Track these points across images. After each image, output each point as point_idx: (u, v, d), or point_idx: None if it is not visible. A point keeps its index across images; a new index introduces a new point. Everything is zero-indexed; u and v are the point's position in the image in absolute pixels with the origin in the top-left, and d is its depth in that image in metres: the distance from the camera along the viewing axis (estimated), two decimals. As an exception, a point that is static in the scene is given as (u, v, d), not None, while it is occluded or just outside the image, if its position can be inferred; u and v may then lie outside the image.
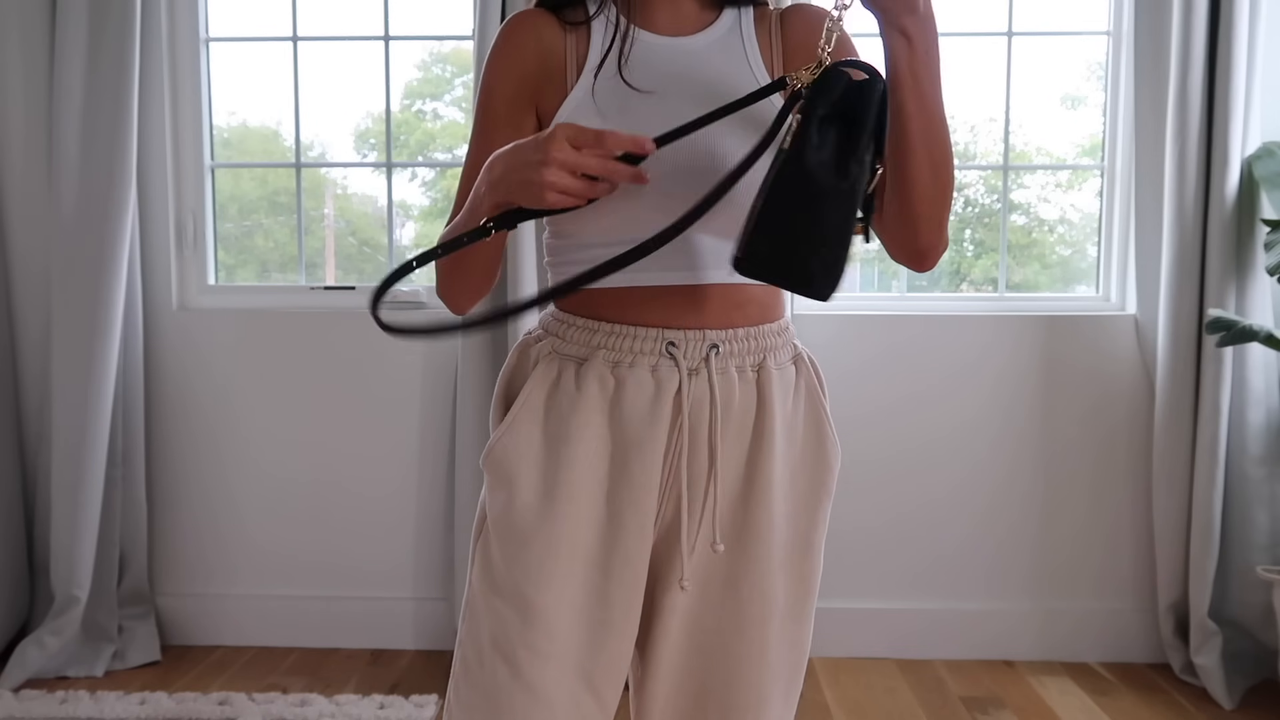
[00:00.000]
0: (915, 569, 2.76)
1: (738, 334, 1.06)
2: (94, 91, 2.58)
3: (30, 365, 2.73)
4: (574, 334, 1.07)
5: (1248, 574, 2.54)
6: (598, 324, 1.06)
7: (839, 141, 0.93)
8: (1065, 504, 2.74)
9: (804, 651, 1.17)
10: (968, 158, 2.93)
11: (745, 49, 1.10)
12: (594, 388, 1.05)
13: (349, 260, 3.02)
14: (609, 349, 1.05)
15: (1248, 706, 2.47)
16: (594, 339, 1.06)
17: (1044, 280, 2.92)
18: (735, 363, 1.06)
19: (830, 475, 1.14)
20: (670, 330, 1.04)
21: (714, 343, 1.05)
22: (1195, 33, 2.45)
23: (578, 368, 1.06)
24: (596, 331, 1.06)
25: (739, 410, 1.06)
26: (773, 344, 1.09)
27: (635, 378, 1.04)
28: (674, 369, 1.04)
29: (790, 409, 1.09)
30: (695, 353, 1.04)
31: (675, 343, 1.04)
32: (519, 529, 1.05)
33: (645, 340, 1.04)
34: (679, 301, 1.05)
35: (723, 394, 1.05)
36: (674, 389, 1.04)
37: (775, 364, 1.08)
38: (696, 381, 1.04)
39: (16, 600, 2.69)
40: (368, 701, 2.40)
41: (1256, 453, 2.54)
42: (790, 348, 1.13)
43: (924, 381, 2.73)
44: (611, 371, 1.05)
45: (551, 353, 1.08)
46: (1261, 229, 2.48)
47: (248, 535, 2.81)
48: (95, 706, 2.35)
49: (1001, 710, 2.43)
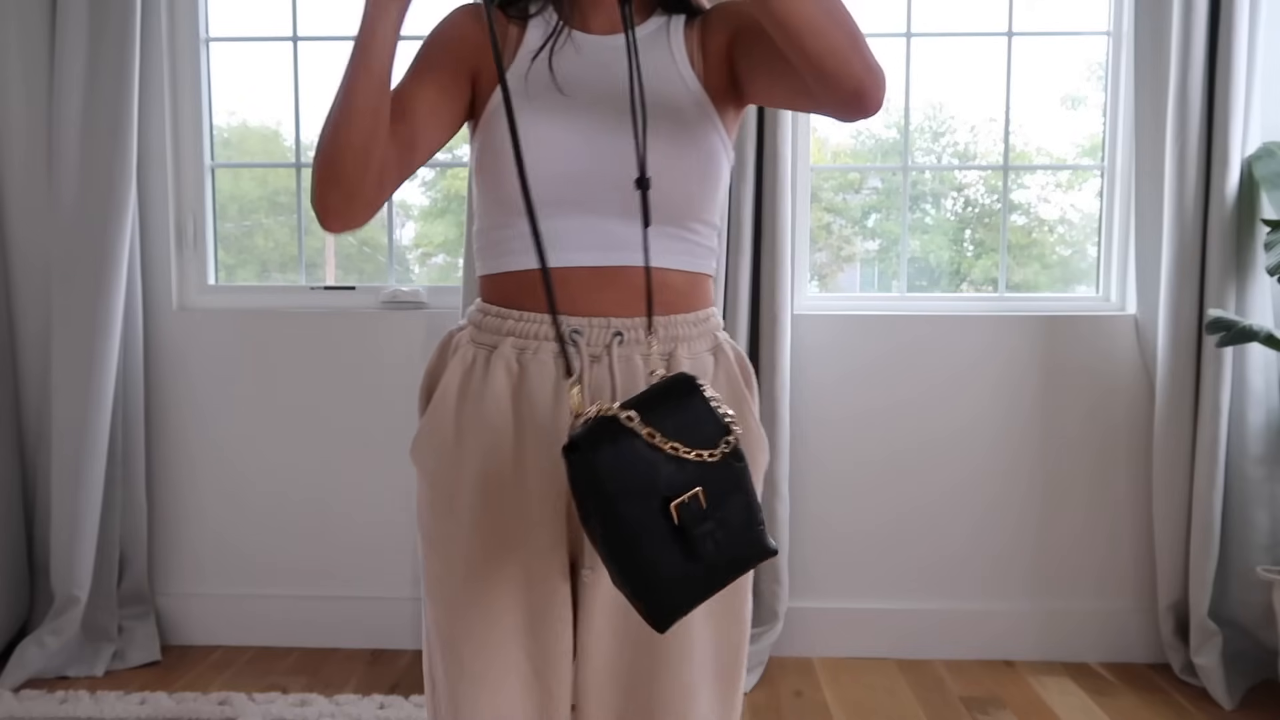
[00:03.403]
0: (915, 569, 2.76)
1: (644, 321, 1.07)
2: (94, 91, 2.58)
3: (30, 365, 2.73)
4: (488, 321, 1.09)
5: (1248, 574, 2.54)
6: (509, 311, 1.08)
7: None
8: (1065, 504, 2.74)
9: (736, 644, 1.14)
10: (968, 158, 2.93)
11: (670, 45, 1.12)
12: (501, 375, 1.07)
13: (349, 260, 3.02)
14: (517, 335, 1.07)
15: (1248, 707, 2.47)
16: (504, 325, 1.08)
17: (1044, 280, 2.92)
18: (641, 350, 1.07)
19: (755, 468, 1.13)
20: (576, 317, 1.06)
21: (618, 330, 1.06)
22: (1195, 33, 2.45)
23: (489, 355, 1.08)
24: (507, 319, 1.08)
25: None
26: (687, 334, 1.09)
27: (539, 364, 1.06)
28: (577, 356, 1.05)
29: None
30: (599, 340, 1.06)
31: (580, 330, 1.05)
32: (440, 519, 1.09)
33: (549, 326, 1.06)
34: (583, 286, 1.06)
35: (626, 381, 1.05)
36: (576, 375, 1.04)
37: (688, 354, 1.09)
38: (598, 369, 1.06)
39: (16, 600, 2.69)
40: (368, 701, 2.40)
41: (1256, 453, 2.54)
42: (709, 338, 1.12)
43: (924, 382, 2.73)
44: (517, 358, 1.07)
45: (469, 342, 1.11)
46: (1261, 229, 2.48)
47: (248, 535, 2.81)
48: (95, 706, 2.35)
49: (1001, 710, 2.43)
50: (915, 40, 2.79)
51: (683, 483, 0.90)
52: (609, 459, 0.88)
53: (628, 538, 0.88)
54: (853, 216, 3.01)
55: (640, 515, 0.88)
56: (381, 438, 2.77)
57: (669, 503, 0.89)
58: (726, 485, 0.92)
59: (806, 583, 2.76)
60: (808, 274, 2.83)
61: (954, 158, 2.95)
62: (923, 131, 2.92)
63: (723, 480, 0.91)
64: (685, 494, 0.89)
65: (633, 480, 0.88)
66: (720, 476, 0.91)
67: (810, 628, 2.75)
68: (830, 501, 2.75)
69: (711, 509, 0.90)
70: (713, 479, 0.91)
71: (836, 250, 3.01)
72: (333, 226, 1.04)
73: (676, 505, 0.89)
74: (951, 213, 2.97)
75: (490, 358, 1.08)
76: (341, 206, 1.02)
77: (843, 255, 3.02)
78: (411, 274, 2.95)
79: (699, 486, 0.90)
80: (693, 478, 0.90)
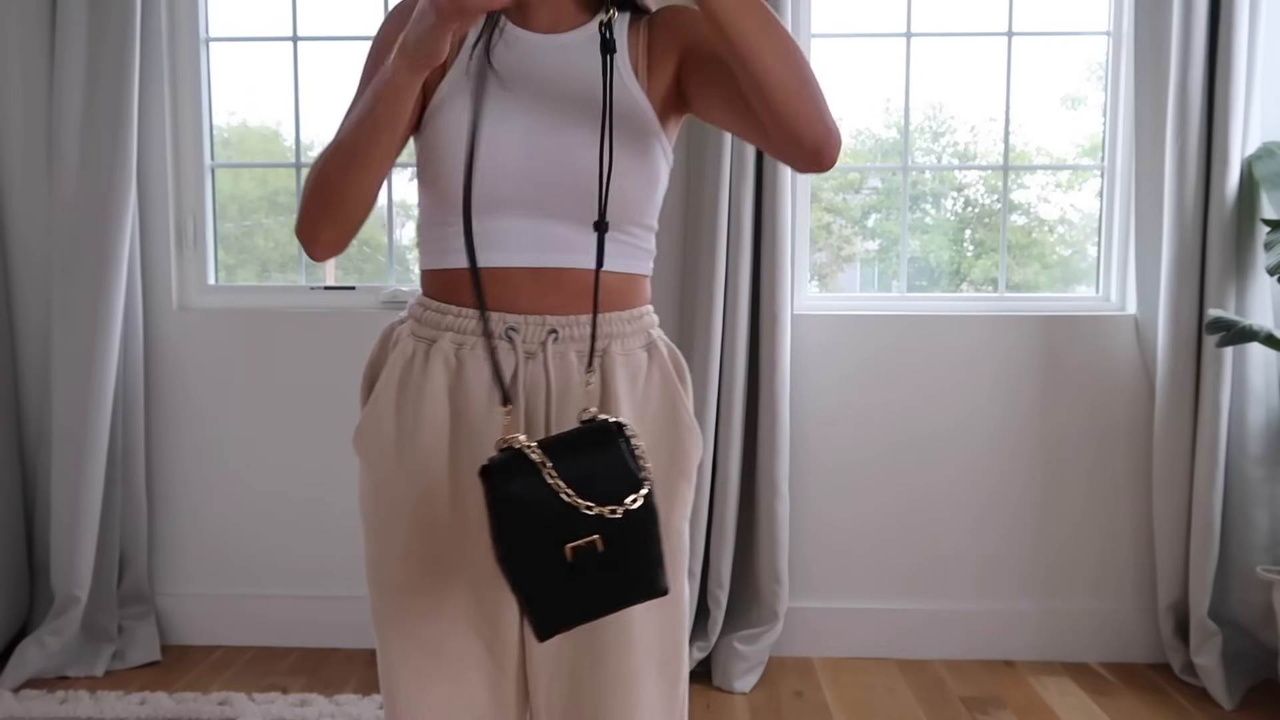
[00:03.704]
0: (915, 569, 2.76)
1: (581, 320, 1.08)
2: (94, 91, 2.58)
3: (31, 365, 2.73)
4: (428, 316, 1.11)
5: (1248, 574, 2.54)
6: (448, 307, 1.10)
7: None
8: (1065, 504, 2.74)
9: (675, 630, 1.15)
10: (968, 157, 2.93)
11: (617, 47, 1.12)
12: (439, 370, 1.09)
13: (349, 260, 3.02)
14: (455, 331, 1.09)
15: (1248, 707, 2.47)
16: (443, 320, 1.10)
17: (1044, 280, 2.92)
18: (576, 348, 1.08)
19: (688, 461, 1.15)
20: (512, 315, 1.08)
21: (553, 328, 1.08)
22: (1195, 33, 2.45)
23: (428, 349, 1.10)
24: (446, 314, 1.10)
25: (579, 395, 1.08)
26: (620, 331, 1.11)
27: (475, 360, 1.08)
28: (512, 353, 1.07)
29: (641, 394, 1.11)
30: (534, 337, 1.08)
31: (515, 327, 1.07)
32: (381, 507, 1.12)
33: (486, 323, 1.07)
34: (522, 286, 1.08)
35: (560, 379, 1.08)
36: (511, 372, 1.07)
37: (621, 350, 1.10)
38: (533, 366, 1.08)
39: (16, 600, 2.69)
40: (368, 701, 2.40)
41: (1256, 453, 2.54)
42: (643, 335, 1.14)
43: (924, 382, 2.73)
44: (455, 354, 1.09)
45: (409, 335, 1.12)
46: (1261, 229, 2.48)
47: (248, 535, 2.81)
48: (95, 706, 2.35)
49: (1001, 710, 2.43)
50: (915, 40, 2.79)
51: (584, 530, 0.93)
52: (516, 490, 0.93)
53: (522, 562, 0.93)
54: (853, 216, 3.01)
55: (536, 547, 0.93)
56: (381, 438, 2.76)
57: (565, 543, 0.92)
58: (627, 537, 0.94)
59: (806, 583, 2.76)
60: (808, 274, 2.82)
61: (954, 158, 2.95)
62: (923, 131, 2.92)
63: (624, 532, 0.94)
64: (583, 539, 0.93)
65: (535, 516, 0.93)
66: (622, 529, 0.94)
67: (810, 628, 2.75)
68: (830, 501, 2.75)
69: (609, 555, 0.94)
70: (613, 531, 0.94)
71: (836, 250, 3.01)
72: (321, 257, 1.09)
73: (573, 547, 0.93)
74: (951, 213, 2.97)
75: (429, 351, 1.09)
76: (334, 242, 1.08)
77: (843, 255, 3.02)
78: (411, 274, 2.95)
79: (597, 535, 0.93)
80: (594, 527, 0.93)
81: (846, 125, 2.93)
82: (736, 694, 2.53)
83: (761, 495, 2.61)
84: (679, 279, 2.70)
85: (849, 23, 2.78)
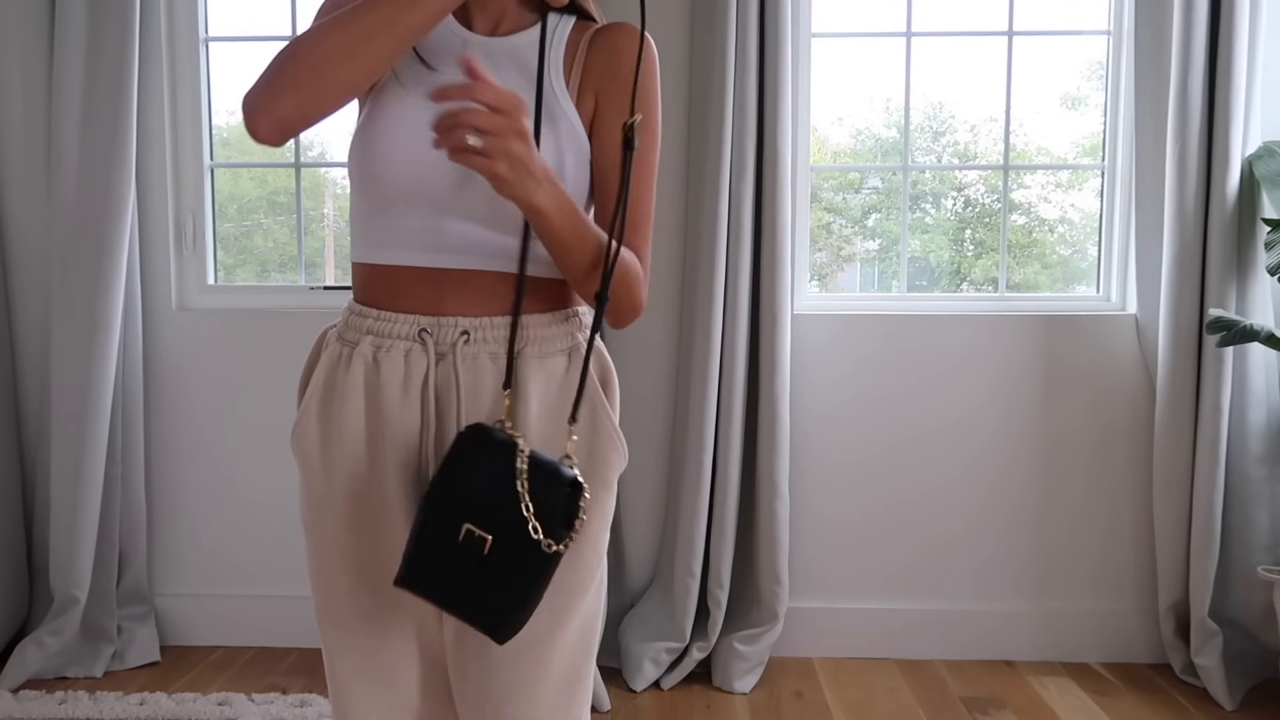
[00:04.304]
0: (916, 569, 2.76)
1: (495, 321, 1.08)
2: (94, 91, 2.58)
3: (30, 365, 2.73)
4: (353, 319, 1.11)
5: (1248, 574, 2.54)
6: (368, 309, 1.10)
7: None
8: (1065, 504, 2.74)
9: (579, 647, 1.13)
10: (968, 157, 2.93)
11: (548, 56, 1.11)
12: (359, 373, 1.09)
13: (349, 260, 3.01)
14: (374, 334, 1.09)
15: (1248, 707, 2.46)
16: (364, 323, 1.10)
17: (1044, 280, 2.92)
18: (490, 349, 1.07)
19: (606, 468, 1.12)
20: (426, 317, 1.08)
21: (465, 329, 1.07)
22: (1195, 33, 2.45)
23: (350, 352, 1.10)
24: (366, 316, 1.10)
25: (490, 397, 1.07)
26: (539, 334, 1.09)
27: (390, 362, 1.08)
28: (424, 355, 1.07)
29: (555, 399, 1.09)
30: (446, 339, 1.07)
31: (428, 329, 1.07)
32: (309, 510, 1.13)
33: (401, 325, 1.08)
34: (436, 287, 1.08)
35: (471, 381, 1.07)
36: (423, 374, 1.07)
37: (537, 354, 1.09)
38: (443, 367, 1.07)
39: (16, 600, 2.69)
40: (367, 702, 2.40)
41: (1257, 453, 2.53)
42: (566, 338, 1.12)
43: (924, 381, 2.73)
44: (373, 356, 1.09)
45: (336, 339, 1.12)
46: (1262, 229, 2.48)
47: (247, 535, 2.81)
48: (94, 707, 2.35)
49: (1001, 710, 2.43)
50: (915, 40, 2.79)
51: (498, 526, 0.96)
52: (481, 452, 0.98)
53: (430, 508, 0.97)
54: (853, 216, 3.01)
55: (451, 504, 0.97)
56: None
57: (466, 522, 0.96)
58: (520, 563, 0.97)
59: (806, 582, 2.76)
60: (808, 274, 2.82)
61: (954, 158, 2.95)
62: (923, 131, 2.92)
63: (522, 556, 0.96)
64: (478, 530, 0.96)
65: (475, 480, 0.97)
66: (524, 550, 0.96)
67: (810, 628, 2.75)
68: (830, 501, 2.75)
69: (489, 559, 0.96)
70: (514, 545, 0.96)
71: (836, 250, 3.01)
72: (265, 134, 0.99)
73: (466, 530, 0.96)
74: (951, 213, 2.96)
75: (351, 355, 1.09)
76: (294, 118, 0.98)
77: (843, 255, 3.02)
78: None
79: (492, 536, 0.96)
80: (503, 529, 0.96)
81: (846, 125, 2.93)
82: (736, 694, 2.53)
83: (761, 495, 2.61)
84: (679, 279, 2.69)
85: (849, 23, 2.78)
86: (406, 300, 1.08)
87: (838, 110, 2.89)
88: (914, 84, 2.81)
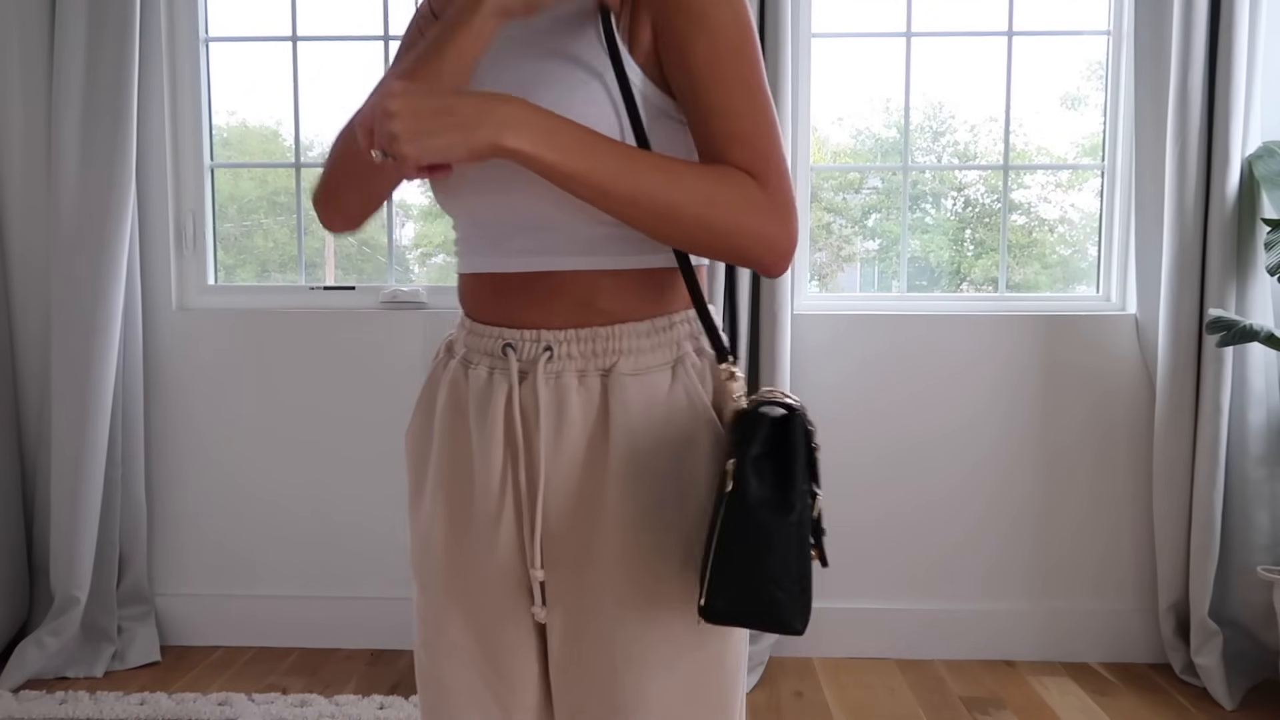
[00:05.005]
0: (915, 569, 2.76)
1: (581, 334, 0.94)
2: (94, 91, 2.58)
3: (30, 365, 2.73)
4: (459, 331, 1.04)
5: (1248, 574, 2.54)
6: (466, 321, 1.03)
7: (776, 479, 0.88)
8: (1065, 504, 2.74)
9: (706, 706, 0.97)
10: (968, 157, 2.93)
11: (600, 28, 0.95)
12: (451, 387, 1.01)
13: (348, 260, 3.01)
14: (467, 347, 1.01)
15: (1248, 707, 2.46)
16: (461, 334, 1.03)
17: (1044, 280, 2.92)
18: (576, 365, 0.94)
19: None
20: (510, 329, 0.97)
21: (548, 344, 0.95)
22: (1195, 32, 2.45)
23: (451, 362, 1.02)
24: (463, 327, 1.03)
25: (576, 421, 0.94)
26: (634, 346, 0.95)
27: (475, 379, 0.98)
28: (506, 374, 0.96)
29: (660, 419, 0.94)
30: (529, 355, 0.95)
31: (512, 343, 0.96)
32: (412, 521, 1.06)
33: (487, 339, 0.98)
34: (519, 296, 0.96)
35: (554, 404, 0.94)
36: (505, 395, 0.96)
37: (630, 370, 0.94)
38: (525, 388, 0.95)
39: (16, 600, 2.69)
40: (368, 702, 2.40)
41: (1257, 453, 2.53)
42: (669, 349, 0.96)
43: (924, 382, 2.73)
44: (465, 372, 1.00)
45: (445, 348, 1.06)
46: (1262, 228, 2.48)
47: (247, 535, 2.81)
48: (95, 707, 2.35)
49: (1001, 710, 2.43)
50: (915, 40, 2.78)
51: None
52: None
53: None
54: (853, 216, 3.01)
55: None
56: (382, 437, 2.77)
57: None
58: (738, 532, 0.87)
59: (806, 583, 2.75)
60: (808, 274, 2.82)
61: (954, 158, 2.95)
62: (923, 131, 2.92)
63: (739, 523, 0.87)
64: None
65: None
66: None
67: (810, 628, 2.74)
68: (831, 501, 2.75)
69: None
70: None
71: (836, 250, 3.01)
72: (339, 228, 1.03)
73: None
74: (951, 212, 2.96)
75: (447, 367, 1.03)
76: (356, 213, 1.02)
77: (843, 255, 3.02)
78: (411, 274, 2.95)
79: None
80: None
81: (846, 125, 2.93)
82: (737, 694, 2.53)
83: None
84: (679, 279, 2.69)
85: (849, 23, 2.78)
86: (490, 311, 0.98)
87: (838, 110, 2.89)
88: (914, 84, 2.81)
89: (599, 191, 0.83)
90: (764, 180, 0.87)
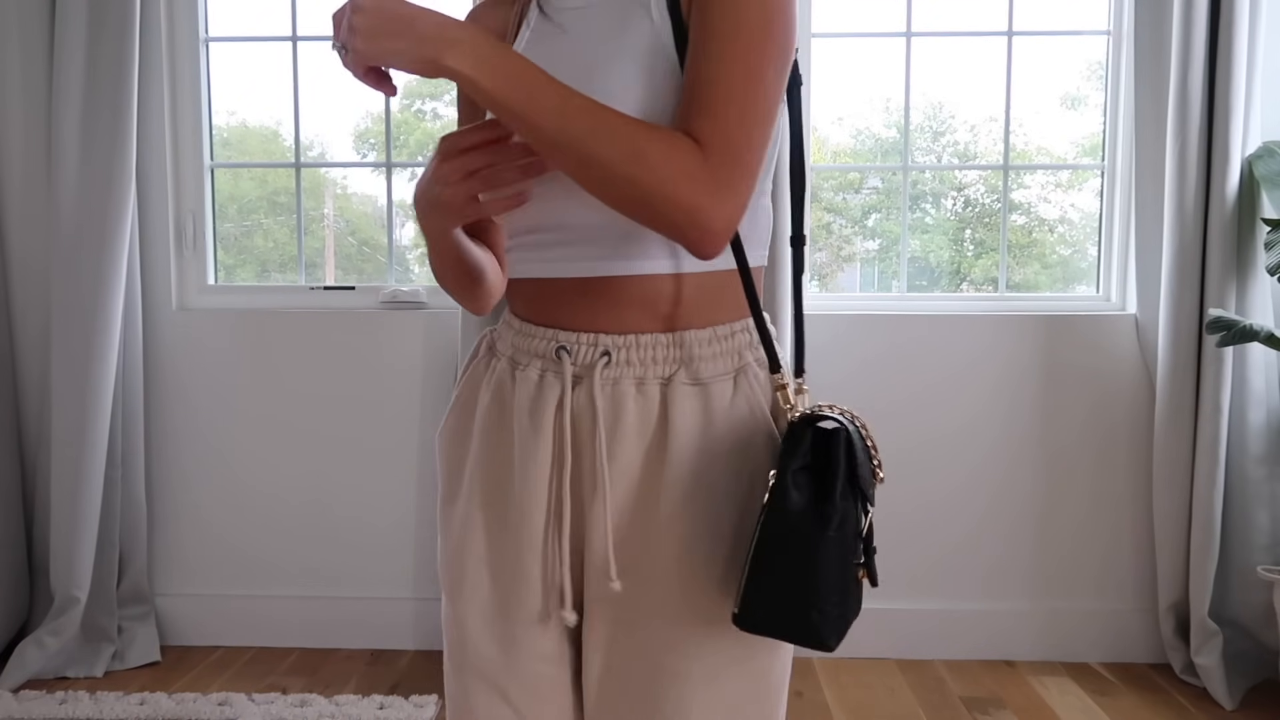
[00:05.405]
0: (915, 569, 2.76)
1: (641, 340, 0.92)
2: (93, 91, 2.58)
3: (30, 365, 2.73)
4: (503, 330, 1.01)
5: (1248, 574, 2.54)
6: (514, 320, 1.00)
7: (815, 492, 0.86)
8: (1066, 504, 2.74)
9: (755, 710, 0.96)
10: (968, 157, 2.93)
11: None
12: (495, 389, 0.99)
13: (349, 260, 3.01)
14: (516, 348, 0.98)
15: (1248, 707, 2.46)
16: (508, 335, 1.00)
17: (1044, 280, 2.92)
18: (635, 373, 0.92)
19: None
20: (565, 332, 0.94)
21: (606, 349, 0.92)
22: (1195, 32, 2.45)
23: (495, 363, 1.00)
24: (511, 328, 1.00)
25: (634, 430, 0.92)
26: (696, 354, 0.93)
27: (525, 381, 0.96)
28: (559, 376, 0.93)
29: (720, 430, 0.92)
30: (584, 359, 0.93)
31: (566, 346, 0.93)
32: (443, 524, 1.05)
33: (539, 341, 0.95)
34: (576, 298, 0.93)
35: (611, 411, 0.92)
36: (556, 398, 0.93)
37: (688, 378, 0.92)
38: (580, 392, 0.93)
39: (16, 600, 2.69)
40: (368, 702, 2.40)
41: (1257, 453, 2.53)
42: (730, 358, 0.94)
43: (924, 382, 2.73)
44: (512, 373, 0.97)
45: (487, 349, 1.03)
46: (1262, 228, 2.48)
47: (247, 535, 2.81)
48: (95, 707, 2.35)
49: (1001, 710, 2.43)
50: (915, 40, 2.79)
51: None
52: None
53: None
54: (853, 216, 3.01)
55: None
56: (382, 437, 2.77)
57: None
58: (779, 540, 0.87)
59: (806, 583, 2.75)
60: (808, 274, 2.82)
61: (954, 158, 2.95)
62: (923, 131, 2.92)
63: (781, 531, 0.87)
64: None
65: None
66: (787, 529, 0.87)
67: (810, 628, 2.74)
68: (830, 501, 2.75)
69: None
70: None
71: (836, 250, 3.01)
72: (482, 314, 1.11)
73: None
74: (951, 212, 2.96)
75: (492, 368, 1.00)
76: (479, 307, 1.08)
77: (843, 255, 3.02)
78: (411, 274, 2.95)
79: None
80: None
81: (846, 125, 2.93)
82: (736, 694, 2.53)
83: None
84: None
85: (849, 23, 2.78)
86: (542, 311, 0.96)
87: (838, 110, 2.89)
88: (914, 84, 2.81)
89: (528, 125, 0.81)
90: (710, 151, 0.82)
